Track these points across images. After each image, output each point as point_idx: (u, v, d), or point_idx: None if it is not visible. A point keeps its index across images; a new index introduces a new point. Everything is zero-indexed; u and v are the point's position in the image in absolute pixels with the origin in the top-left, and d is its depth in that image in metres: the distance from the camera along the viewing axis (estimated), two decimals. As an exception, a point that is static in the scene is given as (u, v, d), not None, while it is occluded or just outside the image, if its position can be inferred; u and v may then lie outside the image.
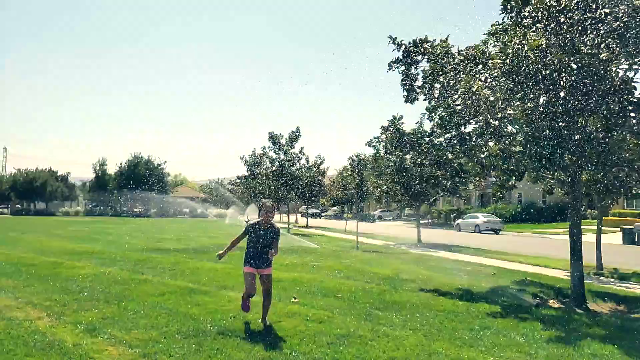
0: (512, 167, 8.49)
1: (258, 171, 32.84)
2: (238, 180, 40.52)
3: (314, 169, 34.61)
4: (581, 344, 5.73)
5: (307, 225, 44.91)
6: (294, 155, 31.07)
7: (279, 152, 31.05)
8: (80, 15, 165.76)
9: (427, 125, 21.24)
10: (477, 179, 11.73)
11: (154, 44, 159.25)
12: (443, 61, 9.43)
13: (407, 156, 21.84)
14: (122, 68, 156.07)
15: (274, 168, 31.06)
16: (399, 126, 20.42)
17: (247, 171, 34.07)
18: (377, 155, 24.24)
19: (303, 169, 31.97)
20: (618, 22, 7.40)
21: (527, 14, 8.46)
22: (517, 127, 8.38)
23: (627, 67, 8.49)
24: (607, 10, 7.68)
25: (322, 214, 71.91)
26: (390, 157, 22.96)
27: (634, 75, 8.44)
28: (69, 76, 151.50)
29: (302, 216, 57.30)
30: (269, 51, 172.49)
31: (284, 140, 30.94)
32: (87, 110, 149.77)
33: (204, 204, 66.21)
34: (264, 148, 32.37)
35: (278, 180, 30.60)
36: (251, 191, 36.11)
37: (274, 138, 30.90)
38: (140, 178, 61.67)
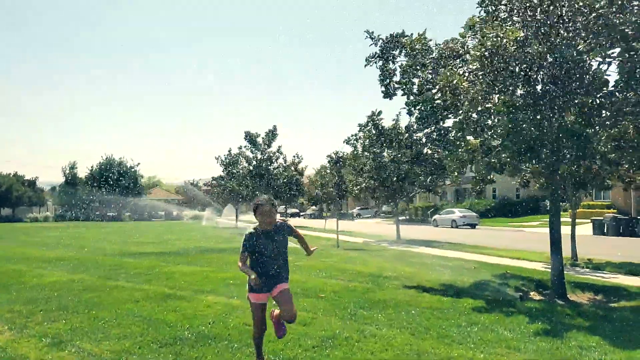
0: (493, 160, 8.44)
1: (234, 171, 32.35)
2: (214, 181, 39.88)
3: (292, 168, 34.32)
4: (567, 336, 5.68)
5: (285, 225, 44.43)
6: (271, 154, 30.72)
7: (256, 151, 30.66)
8: (45, 14, 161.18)
9: (405, 121, 21.28)
10: (456, 174, 11.69)
11: (124, 43, 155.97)
12: (421, 56, 9.33)
13: (385, 153, 21.79)
14: (91, 68, 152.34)
15: (251, 168, 30.64)
16: (377, 122, 20.33)
17: (223, 171, 33.54)
18: (356, 153, 24.13)
19: (281, 168, 31.65)
20: (593, 14, 7.42)
21: (503, 7, 8.44)
22: (498, 120, 8.33)
23: (601, 59, 8.55)
24: (582, 3, 7.70)
25: (301, 214, 71.63)
26: (368, 154, 22.88)
27: (608, 68, 8.51)
28: (36, 76, 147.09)
29: (280, 216, 56.84)
30: (244, 49, 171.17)
31: (260, 139, 30.56)
32: (55, 113, 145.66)
33: (180, 206, 65.12)
34: (240, 147, 31.94)
35: (255, 179, 30.20)
36: (227, 192, 35.57)
37: (250, 137, 30.48)
38: (113, 181, 60.20)
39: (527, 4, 7.97)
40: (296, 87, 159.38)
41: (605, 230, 25.03)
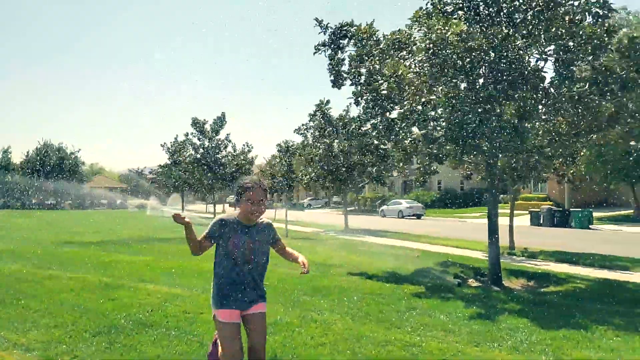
0: (435, 151, 8.68)
1: (181, 159, 31.54)
2: (160, 169, 38.74)
3: (242, 157, 33.88)
4: (499, 319, 5.96)
5: (234, 214, 43.91)
6: (220, 142, 30.16)
7: (203, 138, 29.99)
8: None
9: (356, 112, 21.48)
10: (402, 165, 11.96)
11: (64, 23, 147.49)
12: (369, 46, 9.42)
13: (335, 143, 21.95)
14: (28, 49, 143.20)
15: (198, 155, 29.96)
16: (326, 111, 20.40)
17: (169, 159, 32.63)
18: (306, 142, 24.16)
19: (230, 157, 31.15)
20: (530, 12, 7.75)
21: (448, 0, 8.65)
22: (440, 112, 8.56)
23: (538, 56, 8.97)
24: (523, 0, 8.02)
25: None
26: (318, 144, 22.97)
27: (544, 65, 8.94)
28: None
29: (229, 206, 56.22)
30: (192, 34, 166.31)
31: (208, 126, 29.92)
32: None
33: (124, 195, 62.85)
34: (187, 134, 31.13)
35: (202, 168, 29.58)
36: (173, 180, 34.68)
37: (197, 124, 29.77)
38: (51, 167, 57.11)
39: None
40: (247, 75, 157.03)
41: (541, 221, 26.42)
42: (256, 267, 3.22)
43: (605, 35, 7.48)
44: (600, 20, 7.49)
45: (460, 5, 8.37)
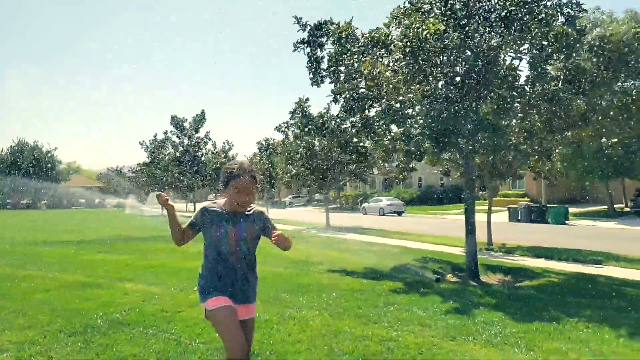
0: (413, 148, 8.78)
1: (160, 157, 31.16)
2: (139, 168, 38.26)
3: (222, 155, 33.66)
4: (475, 313, 6.07)
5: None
6: (199, 140, 29.91)
7: (183, 136, 29.70)
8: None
9: (337, 110, 21.55)
10: (381, 162, 12.06)
11: (39, 19, 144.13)
12: (347, 44, 9.46)
13: (316, 141, 21.99)
14: (1, 46, 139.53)
15: (177, 154, 29.66)
16: (305, 109, 20.42)
17: (148, 157, 32.23)
18: (287, 140, 24.15)
19: (210, 155, 30.92)
20: (505, 12, 7.89)
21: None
22: (418, 110, 8.66)
23: (513, 55, 9.14)
24: (497, 0, 8.16)
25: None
26: (299, 142, 22.97)
27: (519, 64, 9.12)
28: None
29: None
30: (172, 32, 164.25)
31: (187, 124, 29.62)
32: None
33: (102, 194, 61.84)
34: (166, 132, 30.78)
35: (182, 166, 29.29)
36: (152, 179, 34.28)
37: (177, 122, 29.45)
38: (26, 166, 55.85)
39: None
40: (228, 72, 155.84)
41: (519, 218, 26.91)
42: (243, 260, 2.88)
43: (576, 35, 7.66)
44: (571, 20, 7.67)
45: (437, 4, 8.46)
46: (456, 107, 8.49)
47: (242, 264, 2.88)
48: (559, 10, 7.81)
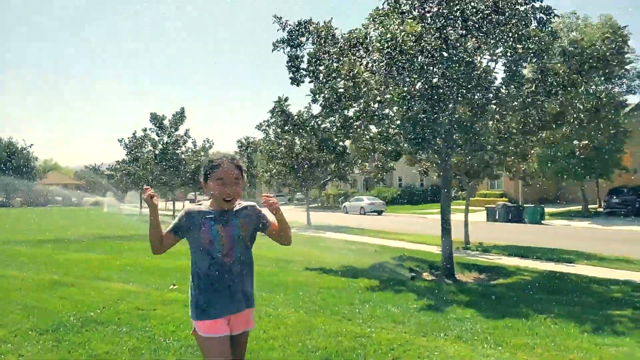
0: (390, 148, 8.89)
1: (139, 155, 30.77)
2: (117, 166, 37.73)
3: (202, 153, 33.40)
4: (447, 310, 6.20)
5: (195, 212, 43.28)
6: (179, 138, 29.63)
7: (162, 134, 29.38)
8: None
9: (317, 109, 21.58)
10: (361, 162, 12.17)
11: (16, 13, 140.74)
12: (327, 44, 9.53)
13: (297, 139, 22.00)
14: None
15: (156, 152, 29.32)
16: (284, 107, 20.37)
17: (126, 155, 31.81)
18: (267, 138, 24.09)
19: (190, 153, 30.67)
20: (479, 15, 8.05)
21: (404, 1, 8.86)
22: (395, 111, 8.77)
23: (489, 57, 9.32)
24: (474, 4, 8.31)
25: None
26: (280, 140, 22.94)
27: (495, 66, 9.31)
28: None
29: (190, 203, 55.35)
30: (151, 29, 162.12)
31: (167, 121, 29.31)
32: None
33: (80, 192, 60.77)
34: (145, 130, 30.42)
35: (161, 164, 28.97)
36: (131, 177, 33.84)
37: (156, 119, 29.11)
38: (1, 163, 54.54)
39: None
40: (208, 69, 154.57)
41: (497, 217, 27.32)
42: (238, 261, 2.59)
43: (547, 39, 7.86)
44: (543, 25, 7.87)
45: (416, 5, 8.59)
46: (433, 109, 8.62)
47: (237, 266, 2.59)
48: (532, 14, 8.00)
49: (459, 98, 8.93)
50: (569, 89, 8.35)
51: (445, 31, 8.26)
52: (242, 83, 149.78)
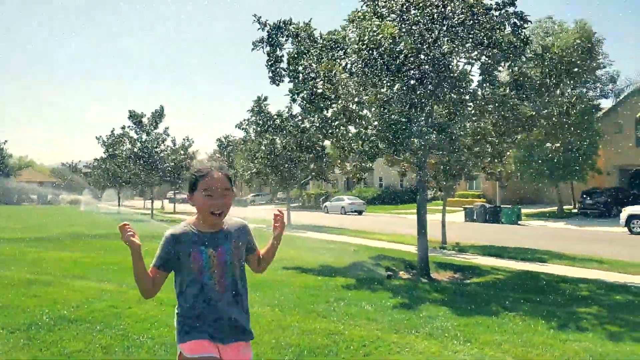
0: (367, 149, 8.98)
1: (117, 153, 30.37)
2: (95, 164, 37.13)
3: (182, 152, 33.10)
4: (420, 308, 6.33)
5: (174, 211, 43.05)
6: (158, 136, 29.33)
7: (141, 132, 29.04)
8: None
9: (298, 108, 21.65)
10: (340, 162, 12.27)
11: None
12: (306, 44, 9.59)
13: (277, 139, 22.03)
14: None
15: (135, 149, 28.97)
16: (264, 107, 20.43)
17: (104, 153, 31.35)
18: (247, 137, 24.05)
19: (169, 151, 30.38)
20: (455, 19, 8.21)
21: (383, 3, 8.98)
22: (372, 112, 8.88)
23: (465, 60, 9.51)
24: (450, 8, 8.47)
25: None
26: (261, 139, 22.92)
27: (471, 69, 9.50)
28: None
29: (169, 202, 54.75)
30: (130, 26, 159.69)
31: (146, 119, 28.98)
32: None
33: (56, 190, 59.60)
34: (123, 127, 30.04)
35: (140, 162, 28.63)
36: (109, 175, 33.37)
37: (134, 117, 28.77)
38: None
39: (403, 2, 8.56)
40: (187, 67, 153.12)
41: (474, 218, 27.77)
42: (234, 287, 2.30)
43: (520, 44, 8.07)
44: (516, 30, 8.07)
45: (393, 8, 8.71)
46: (410, 110, 8.75)
47: (229, 295, 2.28)
48: (506, 19, 8.19)
49: (435, 99, 9.08)
50: (542, 90, 8.57)
51: (421, 34, 8.40)
52: (224, 80, 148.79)
